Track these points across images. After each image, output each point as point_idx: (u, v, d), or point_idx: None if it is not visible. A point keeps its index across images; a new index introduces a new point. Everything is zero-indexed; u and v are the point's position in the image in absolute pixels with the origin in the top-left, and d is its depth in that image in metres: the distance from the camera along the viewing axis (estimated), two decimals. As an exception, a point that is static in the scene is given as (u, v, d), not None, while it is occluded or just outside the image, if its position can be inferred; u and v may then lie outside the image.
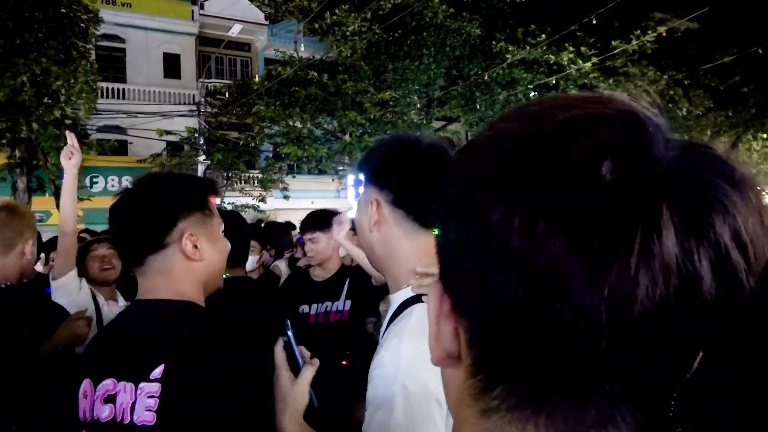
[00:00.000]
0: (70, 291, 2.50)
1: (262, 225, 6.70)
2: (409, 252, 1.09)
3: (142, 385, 1.03)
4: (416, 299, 1.04)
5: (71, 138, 2.71)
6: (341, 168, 17.29)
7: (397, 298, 1.08)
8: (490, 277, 0.33)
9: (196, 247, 1.17)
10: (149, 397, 1.02)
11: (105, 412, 1.04)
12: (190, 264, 1.16)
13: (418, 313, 1.01)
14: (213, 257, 1.20)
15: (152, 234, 1.15)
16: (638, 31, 14.42)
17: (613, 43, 14.26)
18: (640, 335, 0.31)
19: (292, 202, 15.89)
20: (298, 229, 4.58)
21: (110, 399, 1.04)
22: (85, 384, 1.07)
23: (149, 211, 1.16)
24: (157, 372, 1.03)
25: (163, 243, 1.14)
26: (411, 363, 0.94)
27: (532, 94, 16.02)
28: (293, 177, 17.08)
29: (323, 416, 1.12)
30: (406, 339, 0.97)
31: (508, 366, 0.35)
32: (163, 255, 1.15)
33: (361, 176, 1.18)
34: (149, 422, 1.01)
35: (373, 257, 1.15)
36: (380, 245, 1.12)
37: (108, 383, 1.05)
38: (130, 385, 1.04)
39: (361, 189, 1.18)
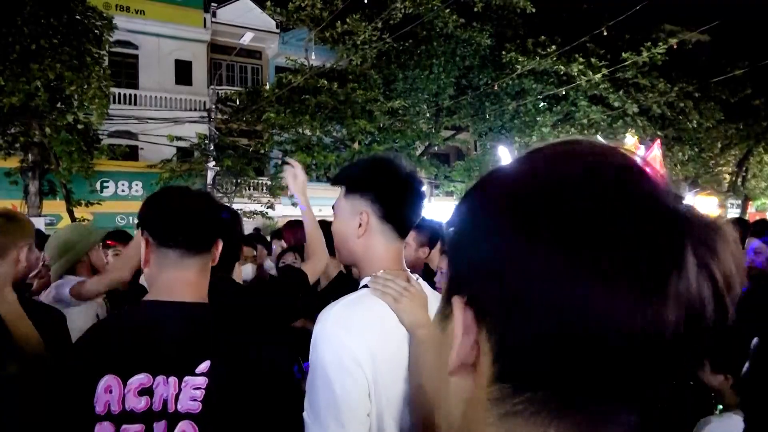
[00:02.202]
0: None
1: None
2: (385, 257, 1.35)
3: (187, 378, 1.17)
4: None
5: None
6: (350, 176, 17.30)
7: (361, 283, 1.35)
8: (541, 306, 0.37)
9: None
10: (195, 388, 1.16)
11: (140, 404, 1.15)
12: (210, 267, 1.36)
13: (363, 292, 1.28)
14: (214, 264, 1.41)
15: (214, 229, 1.35)
16: (649, 43, 14.40)
17: (624, 54, 14.23)
18: (662, 354, 0.37)
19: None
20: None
21: (146, 392, 1.16)
22: (109, 380, 1.15)
23: (215, 212, 1.38)
24: (203, 367, 1.18)
25: (212, 244, 1.34)
26: (334, 323, 1.19)
27: (542, 104, 16.02)
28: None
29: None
30: (339, 306, 1.23)
31: (541, 378, 0.39)
32: (207, 256, 1.33)
33: (341, 186, 1.41)
34: (195, 410, 1.16)
35: (350, 257, 1.39)
36: (363, 250, 1.35)
37: (141, 377, 1.16)
38: (173, 379, 1.17)
39: (339, 197, 1.41)
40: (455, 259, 0.47)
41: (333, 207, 1.46)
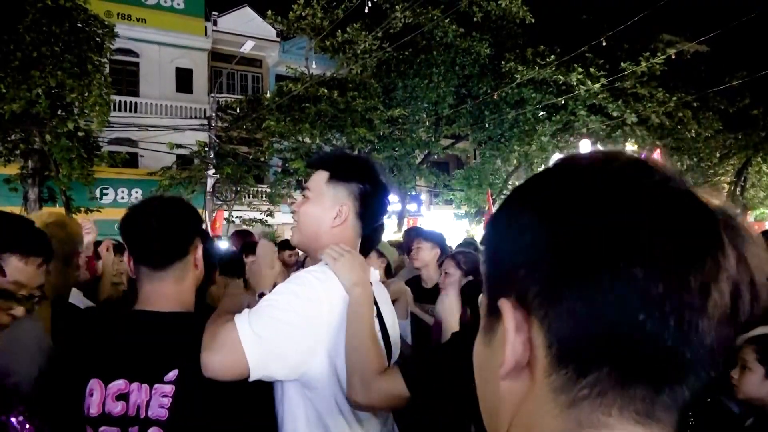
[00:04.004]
0: None
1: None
2: (353, 247, 1.42)
3: (156, 386, 1.22)
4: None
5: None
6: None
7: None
8: (590, 293, 0.39)
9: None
10: (163, 396, 1.22)
11: (117, 408, 1.21)
12: (194, 272, 1.40)
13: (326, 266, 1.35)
14: (202, 269, 1.44)
15: (184, 239, 1.37)
16: (647, 53, 14.46)
17: (623, 64, 14.30)
18: (701, 337, 0.39)
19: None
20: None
21: (122, 397, 1.22)
22: (93, 383, 1.23)
23: (183, 220, 1.38)
24: (171, 375, 1.23)
25: (188, 250, 1.37)
26: (315, 278, 1.29)
27: (541, 113, 16.07)
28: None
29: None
30: (317, 271, 1.32)
31: (598, 357, 0.40)
32: (183, 262, 1.36)
33: (323, 171, 1.44)
34: (162, 417, 1.21)
35: (314, 241, 1.43)
36: (330, 239, 1.40)
37: (119, 383, 1.23)
38: (144, 386, 1.23)
39: (318, 181, 1.44)
40: (495, 263, 0.48)
41: (306, 187, 1.47)
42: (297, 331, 1.22)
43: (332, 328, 1.27)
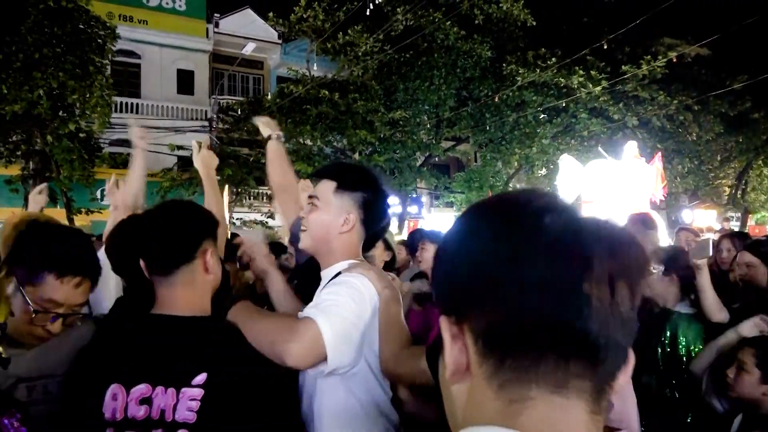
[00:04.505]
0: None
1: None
2: (353, 252, 1.59)
3: (184, 390, 1.23)
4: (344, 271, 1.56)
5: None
6: (350, 186, 17.30)
7: (332, 270, 1.57)
8: (516, 301, 0.50)
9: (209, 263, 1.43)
10: (191, 399, 1.23)
11: (140, 412, 1.22)
12: (206, 277, 1.38)
13: (356, 271, 1.51)
14: (218, 274, 1.42)
15: (188, 245, 1.36)
16: (648, 56, 14.46)
17: (624, 67, 14.30)
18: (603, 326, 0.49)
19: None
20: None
21: (146, 401, 1.23)
22: (114, 388, 1.23)
23: (187, 226, 1.39)
24: (200, 379, 1.24)
25: (193, 255, 1.35)
26: (365, 279, 1.47)
27: (542, 116, 16.07)
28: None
29: None
30: (363, 271, 1.50)
31: (513, 345, 0.51)
32: (190, 267, 1.35)
33: (330, 181, 1.57)
34: (190, 420, 1.22)
35: (324, 246, 1.58)
36: (339, 244, 1.56)
37: (142, 387, 1.24)
38: (171, 390, 1.23)
39: (326, 191, 1.57)
40: (438, 291, 0.60)
41: (314, 195, 1.59)
42: (357, 328, 1.41)
43: (371, 328, 1.46)
